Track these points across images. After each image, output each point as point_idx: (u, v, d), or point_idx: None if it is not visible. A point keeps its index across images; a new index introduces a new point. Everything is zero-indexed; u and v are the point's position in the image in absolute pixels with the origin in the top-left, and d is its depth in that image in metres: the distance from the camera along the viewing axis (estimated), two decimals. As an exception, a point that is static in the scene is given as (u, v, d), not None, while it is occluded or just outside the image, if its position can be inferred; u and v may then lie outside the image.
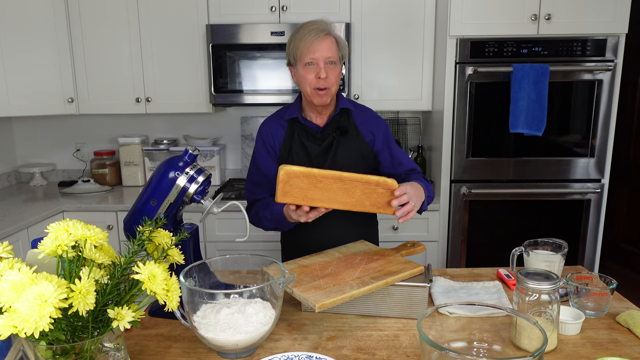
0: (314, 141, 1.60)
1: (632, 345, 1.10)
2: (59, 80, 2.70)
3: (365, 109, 1.69)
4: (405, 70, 2.72)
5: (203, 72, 2.72)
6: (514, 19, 2.41)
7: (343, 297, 1.13)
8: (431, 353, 0.81)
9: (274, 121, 1.65)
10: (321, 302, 1.09)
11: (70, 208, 2.54)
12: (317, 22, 1.51)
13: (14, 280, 0.73)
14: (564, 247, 1.40)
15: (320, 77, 1.48)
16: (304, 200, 1.28)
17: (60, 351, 0.79)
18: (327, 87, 1.50)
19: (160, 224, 0.97)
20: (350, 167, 1.60)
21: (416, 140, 3.04)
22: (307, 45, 1.47)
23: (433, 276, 1.48)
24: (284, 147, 1.61)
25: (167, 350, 1.10)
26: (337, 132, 1.60)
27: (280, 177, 1.24)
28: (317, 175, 1.26)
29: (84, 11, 2.67)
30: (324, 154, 1.59)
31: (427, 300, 1.23)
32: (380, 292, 1.23)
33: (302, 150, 1.60)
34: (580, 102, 2.48)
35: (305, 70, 1.49)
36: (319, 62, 1.48)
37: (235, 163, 3.18)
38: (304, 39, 1.47)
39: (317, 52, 1.47)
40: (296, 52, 1.49)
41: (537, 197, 2.56)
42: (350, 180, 1.29)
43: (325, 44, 1.48)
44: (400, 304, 1.23)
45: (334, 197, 1.29)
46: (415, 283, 1.22)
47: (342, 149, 1.59)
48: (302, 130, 1.61)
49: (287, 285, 1.18)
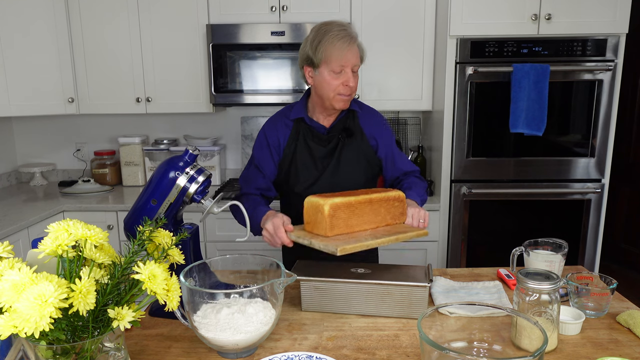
0: (319, 142, 1.59)
1: (633, 345, 1.10)
2: (59, 80, 2.70)
3: (371, 110, 1.68)
4: (405, 70, 2.72)
5: (203, 72, 2.72)
6: (514, 18, 2.41)
7: (362, 244, 1.21)
8: (431, 353, 0.81)
9: (279, 120, 1.63)
10: (342, 246, 1.17)
11: (70, 208, 2.54)
12: (345, 26, 1.49)
13: (14, 280, 0.73)
14: (564, 247, 1.40)
15: (349, 85, 1.48)
16: (346, 229, 1.33)
17: (60, 351, 0.79)
18: (351, 93, 1.52)
19: (161, 224, 0.97)
20: (354, 169, 1.60)
21: (416, 140, 3.04)
22: (339, 52, 1.45)
23: (433, 276, 1.48)
24: (288, 148, 1.60)
25: (167, 350, 1.10)
26: (343, 134, 1.59)
27: (327, 212, 1.28)
28: (355, 202, 1.33)
29: (84, 11, 2.67)
30: (329, 156, 1.59)
31: (427, 300, 1.22)
32: (380, 291, 1.23)
33: (307, 151, 1.59)
34: (580, 102, 2.48)
35: (331, 76, 1.48)
36: (346, 69, 1.48)
37: (235, 163, 3.18)
38: (335, 44, 1.45)
39: (348, 60, 1.47)
40: (323, 56, 1.47)
41: (537, 197, 2.56)
42: (377, 201, 1.37)
43: (355, 51, 1.49)
44: (400, 304, 1.23)
45: (367, 219, 1.37)
46: (416, 283, 1.21)
47: (346, 151, 1.59)
48: (308, 131, 1.60)
49: (305, 238, 1.29)
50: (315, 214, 1.32)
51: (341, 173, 1.59)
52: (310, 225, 1.34)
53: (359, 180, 1.62)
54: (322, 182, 1.59)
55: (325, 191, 1.57)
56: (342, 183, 1.59)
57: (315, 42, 1.49)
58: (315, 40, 1.49)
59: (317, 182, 1.59)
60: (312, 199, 1.34)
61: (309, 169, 1.59)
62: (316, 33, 1.50)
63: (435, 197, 2.67)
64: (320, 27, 1.50)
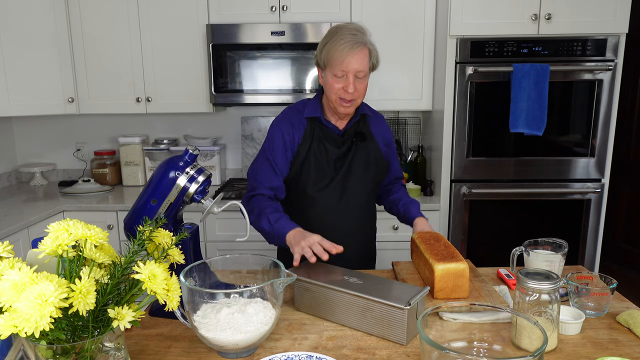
0: (334, 144, 1.59)
1: (633, 345, 1.10)
2: (59, 80, 2.70)
3: (379, 116, 1.71)
4: (405, 70, 2.72)
5: (203, 72, 2.72)
6: (515, 18, 2.41)
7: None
8: (431, 353, 0.81)
9: (294, 116, 1.59)
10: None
11: (70, 208, 2.54)
12: (355, 31, 1.47)
13: (15, 280, 0.73)
14: (564, 246, 1.40)
15: (348, 90, 1.46)
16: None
17: (60, 351, 0.79)
18: (353, 99, 1.50)
19: (161, 224, 0.97)
20: (364, 173, 1.61)
21: (416, 140, 3.04)
22: (340, 57, 1.44)
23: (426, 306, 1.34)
24: (302, 146, 1.57)
25: (167, 350, 1.10)
26: (357, 137, 1.60)
27: (439, 276, 1.25)
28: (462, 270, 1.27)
29: (84, 11, 2.67)
30: (342, 158, 1.59)
31: (405, 323, 1.09)
32: (361, 305, 1.15)
33: (323, 152, 1.57)
34: (580, 101, 2.48)
35: (333, 79, 1.48)
36: (348, 75, 1.46)
37: (235, 163, 3.18)
38: (338, 48, 1.44)
39: (349, 65, 1.44)
40: (327, 59, 1.47)
41: (537, 197, 2.56)
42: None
43: (359, 57, 1.45)
44: (380, 322, 1.13)
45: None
46: (393, 303, 1.09)
47: (359, 154, 1.59)
48: (323, 131, 1.58)
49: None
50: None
51: (352, 176, 1.59)
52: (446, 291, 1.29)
53: (367, 184, 1.63)
54: (334, 184, 1.58)
55: (337, 193, 1.59)
56: (352, 186, 1.60)
57: (322, 44, 1.49)
58: (323, 42, 1.49)
59: (330, 184, 1.58)
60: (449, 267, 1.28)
61: (323, 170, 1.58)
62: (327, 34, 1.50)
63: (435, 197, 2.67)
64: (332, 29, 1.50)
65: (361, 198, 1.63)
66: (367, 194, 1.65)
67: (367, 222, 1.71)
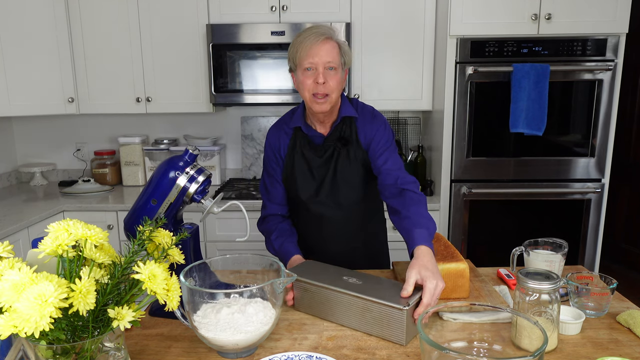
0: (315, 153, 1.56)
1: (633, 345, 1.10)
2: (59, 80, 2.70)
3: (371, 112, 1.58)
4: (405, 70, 2.72)
5: (203, 72, 2.72)
6: (515, 18, 2.41)
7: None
8: (431, 353, 0.81)
9: (280, 129, 1.62)
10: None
11: (70, 208, 2.54)
12: (318, 27, 1.46)
13: (15, 280, 0.73)
14: (564, 246, 1.40)
15: (318, 82, 1.40)
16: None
17: (60, 351, 0.79)
18: (327, 94, 1.43)
19: (161, 224, 0.97)
20: (351, 177, 1.56)
21: (416, 140, 3.04)
22: (305, 49, 1.41)
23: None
24: (288, 156, 1.59)
25: (167, 350, 1.10)
26: (339, 143, 1.54)
27: None
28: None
29: (84, 11, 2.67)
30: (325, 166, 1.56)
31: (404, 323, 1.08)
32: (360, 305, 1.15)
33: (304, 162, 1.57)
34: (580, 101, 2.48)
35: (304, 75, 1.43)
36: (317, 67, 1.41)
37: (235, 163, 3.19)
38: (303, 42, 1.42)
39: (316, 56, 1.40)
40: (295, 57, 1.44)
41: (537, 197, 2.56)
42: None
43: (325, 48, 1.41)
44: (379, 323, 1.13)
45: None
46: (392, 304, 1.09)
47: (342, 160, 1.54)
48: (305, 141, 1.57)
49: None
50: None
51: (340, 182, 1.55)
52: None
53: (358, 189, 1.57)
54: (322, 191, 1.57)
55: (328, 200, 1.57)
56: (343, 192, 1.56)
57: (290, 46, 1.48)
58: (291, 44, 1.48)
59: (318, 192, 1.57)
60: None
61: (307, 179, 1.57)
62: (294, 38, 1.49)
63: (435, 197, 2.67)
64: (298, 33, 1.49)
65: (353, 202, 1.59)
66: (360, 198, 1.59)
67: (367, 223, 1.70)
